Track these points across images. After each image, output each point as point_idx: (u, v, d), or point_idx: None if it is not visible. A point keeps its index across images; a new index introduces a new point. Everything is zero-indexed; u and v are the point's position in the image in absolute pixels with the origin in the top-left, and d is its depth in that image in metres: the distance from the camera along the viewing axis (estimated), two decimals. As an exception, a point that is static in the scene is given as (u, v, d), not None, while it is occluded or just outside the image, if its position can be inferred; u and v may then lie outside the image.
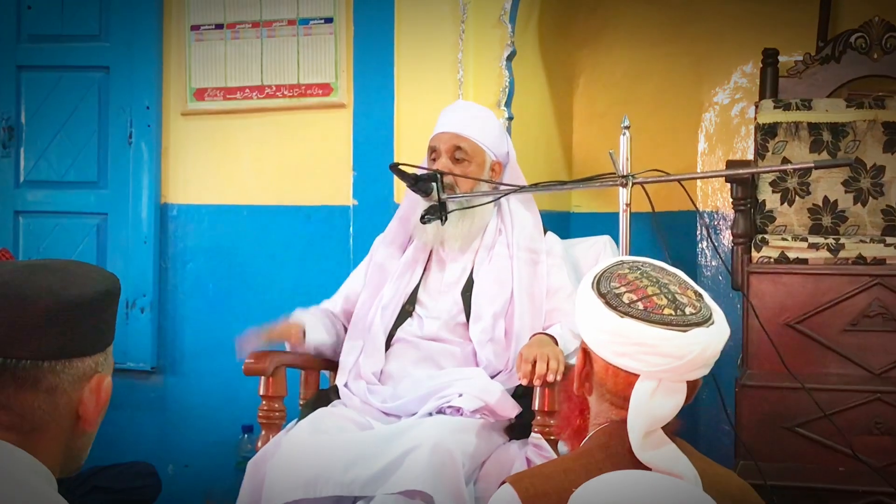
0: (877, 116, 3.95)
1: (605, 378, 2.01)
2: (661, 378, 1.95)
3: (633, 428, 1.94)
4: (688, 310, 1.97)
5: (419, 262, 3.42)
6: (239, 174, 4.44)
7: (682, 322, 1.94)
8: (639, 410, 1.94)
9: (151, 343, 4.47)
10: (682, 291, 2.01)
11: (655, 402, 1.95)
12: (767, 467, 3.26)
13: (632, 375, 1.97)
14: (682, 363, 1.93)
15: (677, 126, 4.90)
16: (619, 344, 1.95)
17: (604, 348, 1.99)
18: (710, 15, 4.85)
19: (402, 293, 3.37)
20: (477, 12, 4.11)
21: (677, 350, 1.93)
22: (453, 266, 3.38)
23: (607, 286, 2.00)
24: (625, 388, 1.97)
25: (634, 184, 2.93)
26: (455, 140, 3.33)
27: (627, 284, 1.99)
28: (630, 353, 1.95)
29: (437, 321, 3.32)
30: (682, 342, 1.93)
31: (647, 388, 1.95)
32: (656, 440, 1.96)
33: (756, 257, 3.76)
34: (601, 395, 2.05)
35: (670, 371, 1.94)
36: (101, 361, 1.63)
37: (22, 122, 4.61)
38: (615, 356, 1.97)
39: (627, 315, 1.95)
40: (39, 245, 4.59)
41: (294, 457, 2.92)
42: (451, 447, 2.83)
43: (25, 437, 1.58)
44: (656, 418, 1.95)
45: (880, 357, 3.61)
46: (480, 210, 3.33)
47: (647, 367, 1.94)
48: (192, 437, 4.45)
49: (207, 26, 4.41)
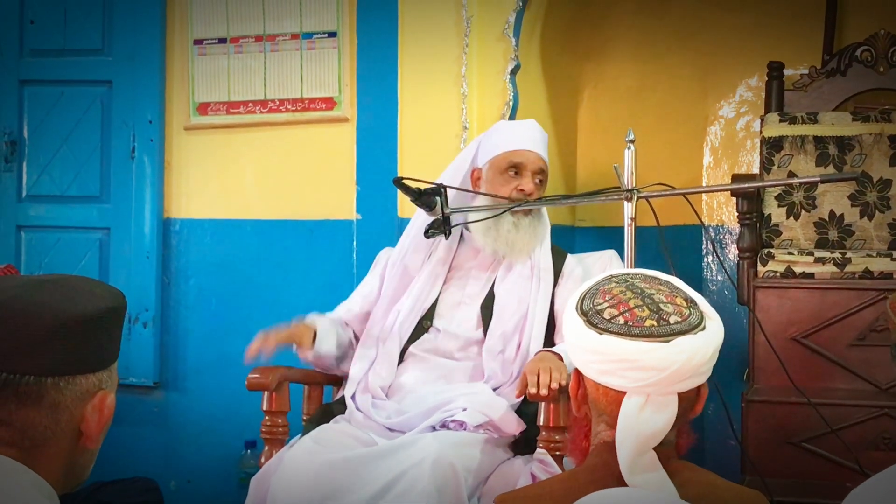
0: (883, 130, 3.96)
1: (597, 398, 1.99)
2: (649, 393, 1.91)
3: (623, 447, 1.91)
4: (672, 318, 1.93)
5: (439, 276, 3.42)
6: (242, 189, 4.44)
7: (664, 332, 1.91)
8: (627, 428, 1.91)
9: (154, 358, 4.47)
10: (670, 300, 1.97)
11: (644, 418, 1.91)
12: (773, 483, 3.25)
13: (620, 394, 1.93)
14: (666, 375, 1.89)
15: (682, 140, 4.90)
16: (601, 362, 1.93)
17: (588, 368, 1.97)
18: (715, 28, 4.86)
19: (419, 308, 3.38)
20: (480, 26, 4.12)
21: (659, 362, 1.89)
22: (477, 280, 3.39)
23: (590, 304, 1.98)
24: (615, 406, 1.94)
25: (639, 198, 2.94)
26: (541, 164, 3.37)
27: (611, 299, 1.97)
28: (612, 370, 1.92)
29: (455, 338, 3.32)
30: (663, 353, 1.89)
31: (635, 404, 1.91)
32: (647, 463, 1.92)
33: (762, 272, 3.76)
34: (597, 415, 2.02)
35: (656, 384, 1.90)
36: (105, 378, 1.64)
37: (24, 136, 4.63)
38: (599, 374, 1.95)
39: (606, 331, 1.92)
40: (41, 260, 4.60)
41: (298, 474, 2.91)
42: (453, 462, 2.83)
43: (27, 453, 1.58)
44: (646, 435, 1.91)
45: (887, 372, 3.60)
46: (544, 226, 3.38)
47: (632, 382, 1.91)
48: (194, 453, 4.45)
49: (211, 40, 4.42)
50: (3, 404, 1.56)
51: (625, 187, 2.95)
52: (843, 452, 3.48)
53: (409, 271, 3.45)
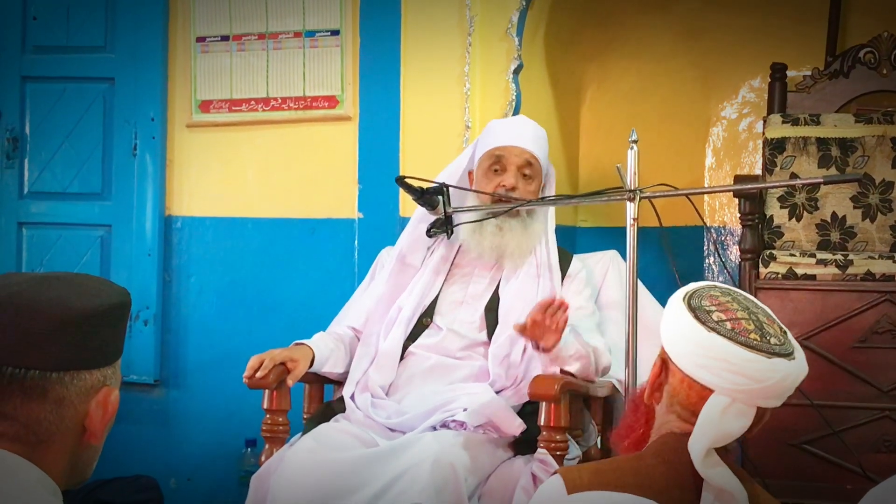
0: (885, 132, 3.96)
1: (679, 389, 2.07)
2: (736, 397, 2.01)
3: (700, 439, 1.99)
4: (773, 340, 2.03)
5: (440, 274, 3.42)
6: (244, 187, 4.45)
7: (766, 349, 2.00)
8: (708, 423, 2.00)
9: (154, 356, 4.48)
10: (770, 323, 2.07)
11: (725, 420, 2.00)
12: (774, 485, 3.25)
13: (706, 390, 2.02)
14: (759, 387, 2.00)
15: (685, 140, 4.90)
16: (702, 356, 2.01)
17: (686, 359, 2.04)
18: (718, 29, 4.86)
19: (420, 305, 3.37)
20: (484, 25, 4.13)
21: (758, 373, 1.99)
22: (480, 279, 3.38)
23: (698, 303, 2.07)
24: (697, 401, 2.03)
25: (642, 198, 2.94)
26: (527, 156, 3.36)
27: (718, 305, 2.06)
28: (711, 366, 2.00)
29: (457, 337, 3.31)
30: (763, 366, 1.99)
31: (720, 403, 2.00)
32: (713, 460, 2.00)
33: (764, 273, 3.76)
34: (670, 405, 2.10)
35: (745, 392, 2.00)
36: (109, 374, 1.64)
37: (26, 132, 4.63)
38: (696, 368, 2.03)
39: (715, 331, 2.01)
40: (43, 257, 4.60)
41: (298, 473, 2.92)
42: (453, 461, 2.84)
43: (31, 448, 1.58)
44: (722, 434, 2.00)
45: (889, 374, 3.60)
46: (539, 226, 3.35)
47: (725, 383, 2.00)
48: (194, 451, 4.45)
49: (213, 38, 4.42)
50: (8, 399, 1.57)
51: (627, 188, 2.95)
52: (845, 454, 3.49)
53: (409, 269, 3.45)
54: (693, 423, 2.03)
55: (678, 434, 2.05)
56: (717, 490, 1.99)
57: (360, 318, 3.47)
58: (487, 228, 3.31)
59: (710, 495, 1.99)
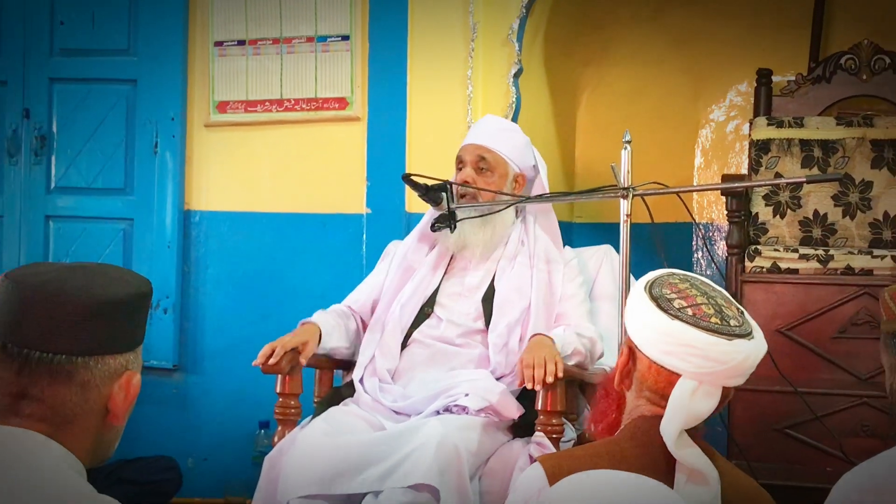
0: (865, 134, 3.95)
1: (647, 375, 2.06)
2: (702, 380, 2.00)
3: (671, 423, 1.99)
4: (732, 322, 2.02)
5: (441, 265, 3.42)
6: (258, 183, 4.44)
7: (727, 331, 2.00)
8: (678, 407, 1.99)
9: (174, 342, 4.48)
10: (727, 305, 2.06)
11: (694, 402, 2.00)
12: (759, 467, 3.25)
13: (673, 375, 2.02)
14: (724, 368, 1.99)
15: (675, 141, 4.90)
16: (668, 343, 2.01)
17: (652, 347, 2.03)
18: (708, 36, 4.85)
19: (421, 295, 3.37)
20: (486, 31, 4.12)
21: (722, 356, 1.98)
22: (476, 272, 3.38)
23: (659, 291, 2.06)
24: (665, 386, 2.03)
25: (635, 196, 2.93)
26: (479, 151, 3.35)
27: (678, 292, 2.05)
28: (677, 353, 2.00)
29: (455, 326, 3.31)
30: (726, 349, 1.98)
31: (688, 387, 2.00)
32: (684, 441, 2.00)
33: (749, 267, 3.76)
34: (639, 391, 2.09)
35: (711, 375, 2.00)
36: (132, 359, 1.64)
37: (53, 131, 4.63)
38: (662, 354, 2.02)
39: (677, 318, 2.00)
40: (69, 248, 4.60)
41: (309, 454, 2.91)
42: (456, 443, 2.83)
43: (57, 428, 1.58)
44: (693, 416, 2.00)
45: (867, 363, 3.60)
46: (501, 219, 3.33)
47: (692, 367, 1.99)
48: (211, 432, 4.45)
49: (230, 42, 4.42)
50: (35, 382, 1.57)
51: (621, 186, 2.94)
52: (825, 439, 3.49)
53: (413, 266, 3.44)
54: (662, 406, 2.02)
55: (649, 417, 2.05)
56: (690, 470, 1.98)
57: (359, 302, 3.48)
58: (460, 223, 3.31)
59: (682, 475, 1.99)
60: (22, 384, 1.57)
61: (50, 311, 1.56)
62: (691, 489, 1.96)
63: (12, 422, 1.58)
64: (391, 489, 2.80)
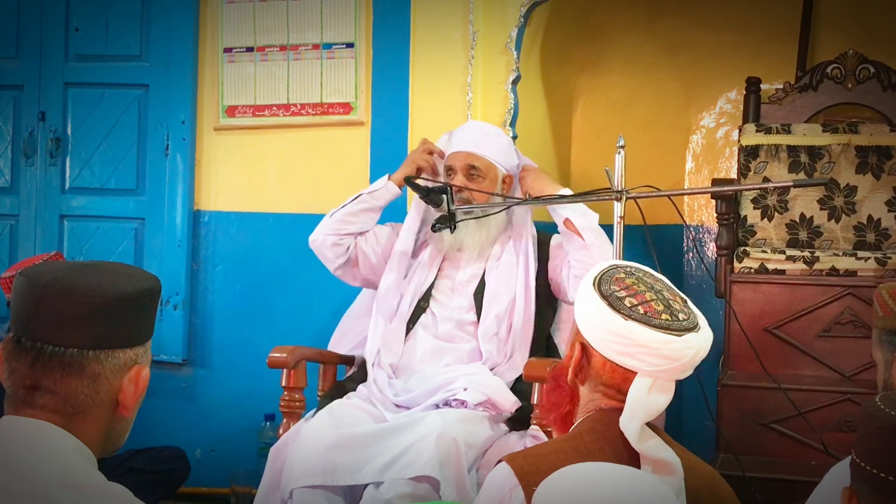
0: (850, 140, 3.95)
1: (602, 371, 2.02)
2: (657, 377, 1.97)
3: (632, 419, 1.96)
4: (681, 315, 1.98)
5: (435, 262, 3.43)
6: (265, 184, 4.44)
7: (677, 327, 1.96)
8: (637, 405, 1.96)
9: (183, 337, 4.47)
10: (673, 298, 2.02)
11: (651, 398, 1.97)
12: (746, 460, 3.25)
13: (629, 372, 1.98)
14: (678, 365, 1.96)
15: (667, 146, 4.89)
16: (623, 344, 1.97)
17: (606, 347, 1.99)
18: (699, 45, 4.85)
19: (418, 291, 3.38)
20: (485, 40, 4.12)
21: (675, 353, 1.95)
22: (467, 269, 3.39)
23: (608, 288, 2.00)
24: (621, 381, 1.99)
25: (628, 198, 2.93)
26: (469, 159, 3.36)
27: (626, 289, 2.00)
28: (632, 353, 1.96)
29: (450, 321, 3.32)
30: (678, 346, 1.95)
31: (645, 384, 1.97)
32: (647, 434, 1.98)
33: (738, 268, 3.75)
34: (594, 386, 2.05)
35: (666, 371, 1.97)
36: (141, 353, 1.65)
37: (68, 133, 4.63)
38: (618, 355, 1.98)
39: (630, 318, 1.96)
40: (82, 247, 4.60)
41: (313, 445, 2.92)
42: (455, 436, 2.84)
43: (69, 419, 1.59)
44: (651, 411, 1.97)
45: (851, 361, 3.60)
46: (496, 221, 3.34)
47: (647, 366, 1.96)
48: (218, 424, 4.45)
49: (239, 49, 4.42)
50: (48, 374, 1.57)
51: (615, 189, 2.94)
52: (809, 433, 3.48)
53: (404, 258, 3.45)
54: (619, 399, 1.99)
55: (606, 410, 2.01)
56: (654, 460, 1.96)
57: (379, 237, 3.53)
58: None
59: (648, 466, 1.96)
60: (35, 376, 1.58)
61: (62, 306, 1.56)
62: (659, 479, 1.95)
63: (26, 413, 1.58)
64: (392, 480, 2.81)
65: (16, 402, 1.59)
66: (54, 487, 1.48)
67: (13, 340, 1.60)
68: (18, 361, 1.58)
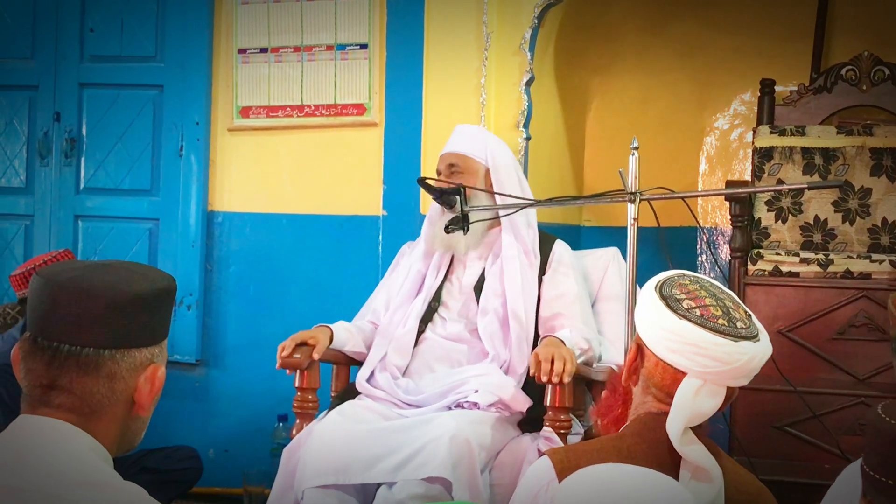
0: (865, 143, 3.94)
1: (654, 372, 2.04)
2: (707, 379, 1.98)
3: (676, 420, 1.97)
4: (739, 324, 2.00)
5: (442, 268, 3.43)
6: (279, 185, 4.45)
7: (733, 333, 1.98)
8: (683, 405, 1.98)
9: (197, 338, 4.49)
10: (735, 308, 2.04)
11: (698, 400, 1.98)
12: (759, 463, 3.25)
13: (679, 373, 2.00)
14: (729, 369, 1.97)
15: (681, 148, 4.89)
16: (675, 342, 1.98)
17: (659, 344, 2.02)
18: (713, 47, 4.84)
19: (429, 292, 3.39)
20: (499, 41, 4.12)
21: (727, 356, 1.96)
22: (471, 270, 3.40)
23: (669, 291, 2.04)
24: (671, 384, 2.01)
25: (642, 200, 2.93)
26: (448, 159, 3.40)
27: (687, 293, 2.03)
28: (683, 351, 1.98)
29: (458, 323, 3.33)
30: (731, 349, 1.96)
31: (693, 385, 1.98)
32: (689, 437, 1.99)
33: (752, 270, 3.75)
34: (646, 388, 2.08)
35: (716, 374, 1.98)
36: (157, 353, 1.65)
37: (83, 134, 4.65)
38: (669, 352, 2.00)
39: (685, 318, 1.98)
40: (97, 247, 4.62)
41: (326, 445, 2.92)
42: (468, 438, 2.84)
43: (86, 419, 1.59)
44: (697, 414, 1.98)
45: (865, 364, 3.59)
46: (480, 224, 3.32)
47: (697, 366, 1.97)
48: (231, 425, 4.46)
49: (253, 50, 4.43)
50: (65, 373, 1.57)
51: (628, 190, 2.94)
52: (823, 436, 3.48)
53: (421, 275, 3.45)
54: (668, 403, 2.01)
55: (655, 414, 2.03)
56: (694, 466, 1.97)
57: (377, 312, 3.49)
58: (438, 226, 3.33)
59: (687, 472, 1.97)
60: (52, 376, 1.58)
61: (78, 306, 1.56)
62: (695, 485, 1.95)
63: (43, 412, 1.59)
64: (405, 481, 2.81)
65: (32, 402, 1.60)
66: (71, 486, 1.49)
67: (30, 340, 1.60)
68: (35, 361, 1.59)
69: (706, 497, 1.94)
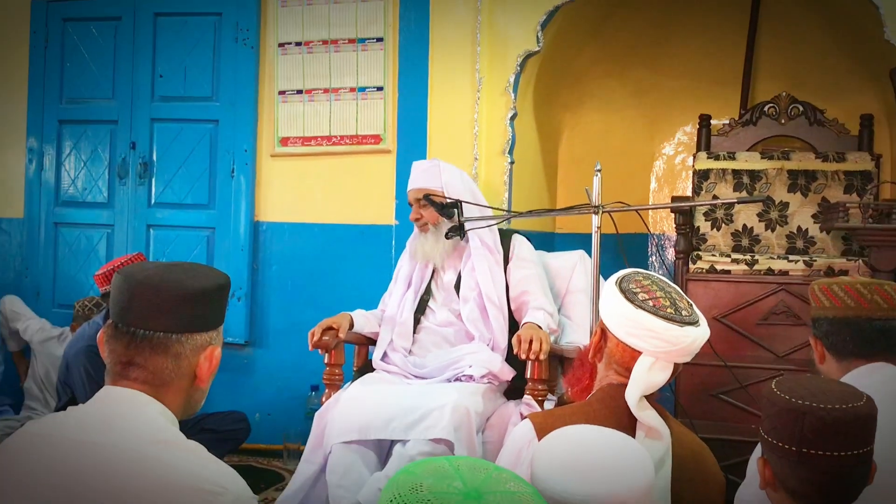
0: (783, 166, 3.95)
1: (615, 351, 2.05)
2: (658, 357, 1.99)
3: (633, 390, 1.98)
4: (683, 312, 2.00)
5: (428, 268, 3.41)
6: (312, 200, 4.45)
7: (679, 319, 1.98)
8: (639, 378, 1.98)
9: (245, 324, 4.48)
10: (680, 299, 2.05)
11: (651, 374, 1.99)
12: (699, 424, 3.25)
13: (636, 352, 2.00)
14: (676, 349, 1.97)
15: (635, 170, 4.89)
16: (632, 327, 1.99)
17: (620, 328, 2.02)
18: (661, 89, 4.85)
19: (421, 287, 3.38)
20: (489, 84, 4.12)
21: (674, 338, 1.96)
22: (450, 270, 3.38)
23: (627, 286, 2.04)
24: (629, 360, 2.01)
25: (604, 212, 2.93)
26: (415, 194, 3.32)
27: (642, 287, 2.03)
28: (639, 334, 1.99)
29: (444, 310, 3.32)
30: (678, 333, 1.96)
31: (647, 362, 1.99)
32: (644, 404, 1.99)
33: (692, 269, 3.75)
34: (608, 363, 2.08)
35: (666, 353, 1.98)
36: (214, 336, 1.65)
37: (154, 159, 4.64)
38: (627, 335, 2.01)
39: (641, 308, 1.99)
40: (165, 250, 4.61)
41: (350, 409, 2.92)
42: (467, 406, 2.83)
43: (157, 389, 1.59)
44: (650, 385, 1.99)
45: (784, 343, 3.60)
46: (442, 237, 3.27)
47: (650, 347, 1.98)
48: (272, 393, 4.46)
49: (291, 91, 4.43)
50: (140, 353, 1.58)
51: (593, 204, 2.94)
52: (750, 402, 3.48)
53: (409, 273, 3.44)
54: (626, 376, 2.01)
55: (616, 385, 2.04)
56: (647, 427, 1.97)
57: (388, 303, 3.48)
58: (418, 239, 3.33)
59: (642, 432, 1.98)
60: (130, 355, 1.58)
61: (152, 298, 1.57)
62: (649, 443, 1.95)
63: (122, 384, 1.59)
64: (415, 440, 2.81)
65: (114, 375, 1.60)
66: (145, 443, 1.49)
67: (112, 326, 1.60)
68: (116, 343, 1.59)
69: (657, 452, 1.95)
